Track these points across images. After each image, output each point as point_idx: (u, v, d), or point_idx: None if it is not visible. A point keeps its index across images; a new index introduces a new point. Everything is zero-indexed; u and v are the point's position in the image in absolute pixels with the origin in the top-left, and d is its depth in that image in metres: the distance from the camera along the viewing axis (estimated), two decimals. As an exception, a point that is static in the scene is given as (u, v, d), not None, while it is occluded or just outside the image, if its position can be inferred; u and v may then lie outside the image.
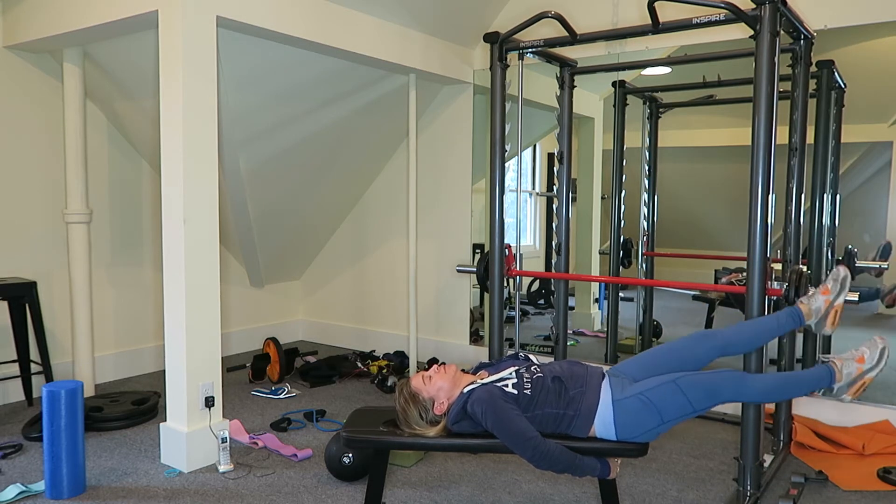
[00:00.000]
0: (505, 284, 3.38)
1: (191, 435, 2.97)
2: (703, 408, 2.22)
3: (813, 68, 3.11)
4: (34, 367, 3.76)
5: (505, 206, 3.33)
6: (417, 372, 2.75)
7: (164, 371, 3.08)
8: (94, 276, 4.06)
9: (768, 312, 2.62)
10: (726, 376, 2.26)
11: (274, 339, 4.37)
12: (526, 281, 5.47)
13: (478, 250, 4.72)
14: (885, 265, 3.90)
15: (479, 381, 2.29)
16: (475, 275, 3.58)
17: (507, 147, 3.31)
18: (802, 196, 3.07)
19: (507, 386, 2.24)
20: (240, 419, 3.49)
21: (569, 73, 3.63)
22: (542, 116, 4.26)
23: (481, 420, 2.20)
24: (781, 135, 2.64)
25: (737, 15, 2.53)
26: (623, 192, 4.51)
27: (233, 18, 3.02)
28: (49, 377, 3.65)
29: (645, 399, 2.19)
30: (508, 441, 2.16)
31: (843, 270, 2.49)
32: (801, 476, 2.87)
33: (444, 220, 4.76)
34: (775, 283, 2.64)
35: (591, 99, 4.73)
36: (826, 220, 3.75)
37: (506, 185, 3.32)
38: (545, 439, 2.15)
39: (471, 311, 4.78)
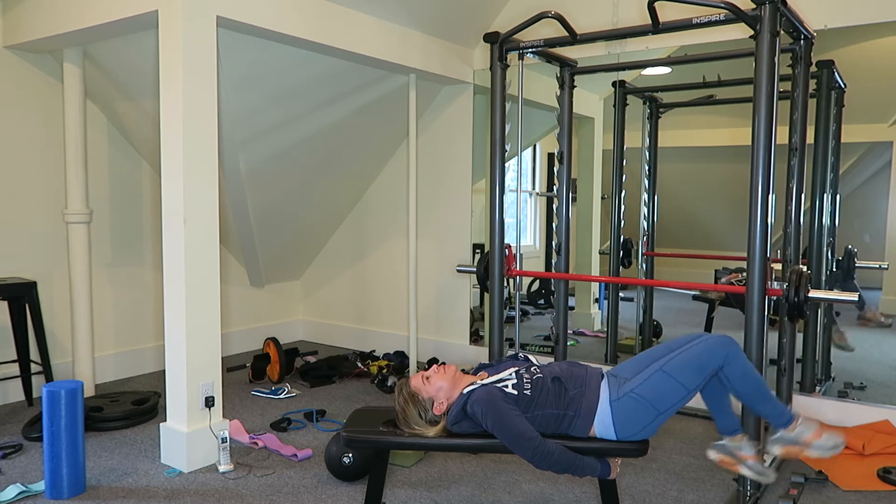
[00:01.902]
0: (505, 284, 3.37)
1: (191, 435, 2.97)
2: (697, 386, 2.17)
3: (813, 68, 3.10)
4: (34, 367, 3.76)
5: (505, 206, 3.33)
6: (417, 372, 2.75)
7: (164, 371, 3.09)
8: (94, 276, 4.06)
9: (768, 313, 2.62)
10: (712, 343, 2.19)
11: (274, 339, 4.37)
12: (526, 281, 5.47)
13: (478, 250, 4.72)
14: (884, 265, 3.91)
15: (478, 381, 2.29)
16: (475, 275, 3.58)
17: (507, 147, 3.30)
18: (802, 196, 3.07)
19: (506, 386, 2.24)
20: (240, 419, 3.49)
21: (569, 73, 3.63)
22: (542, 116, 4.26)
23: (481, 421, 2.20)
24: (781, 135, 2.64)
25: (737, 15, 2.53)
26: (623, 192, 4.50)
27: (233, 18, 3.03)
28: (49, 377, 3.66)
29: (636, 396, 2.18)
30: (509, 442, 2.16)
31: (839, 439, 2.28)
32: (801, 476, 2.87)
33: (444, 220, 4.76)
34: (775, 283, 2.63)
35: (591, 99, 4.73)
36: (826, 220, 3.75)
37: (506, 185, 3.32)
38: (545, 440, 2.15)
39: (471, 311, 4.78)
